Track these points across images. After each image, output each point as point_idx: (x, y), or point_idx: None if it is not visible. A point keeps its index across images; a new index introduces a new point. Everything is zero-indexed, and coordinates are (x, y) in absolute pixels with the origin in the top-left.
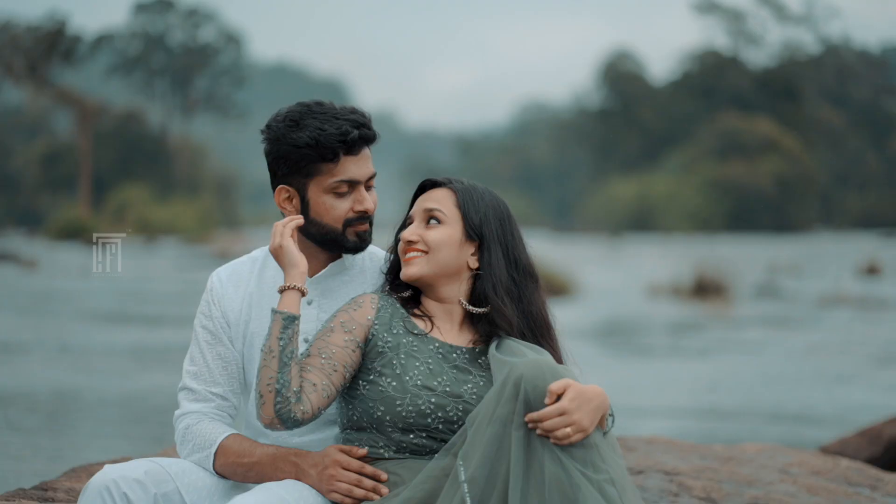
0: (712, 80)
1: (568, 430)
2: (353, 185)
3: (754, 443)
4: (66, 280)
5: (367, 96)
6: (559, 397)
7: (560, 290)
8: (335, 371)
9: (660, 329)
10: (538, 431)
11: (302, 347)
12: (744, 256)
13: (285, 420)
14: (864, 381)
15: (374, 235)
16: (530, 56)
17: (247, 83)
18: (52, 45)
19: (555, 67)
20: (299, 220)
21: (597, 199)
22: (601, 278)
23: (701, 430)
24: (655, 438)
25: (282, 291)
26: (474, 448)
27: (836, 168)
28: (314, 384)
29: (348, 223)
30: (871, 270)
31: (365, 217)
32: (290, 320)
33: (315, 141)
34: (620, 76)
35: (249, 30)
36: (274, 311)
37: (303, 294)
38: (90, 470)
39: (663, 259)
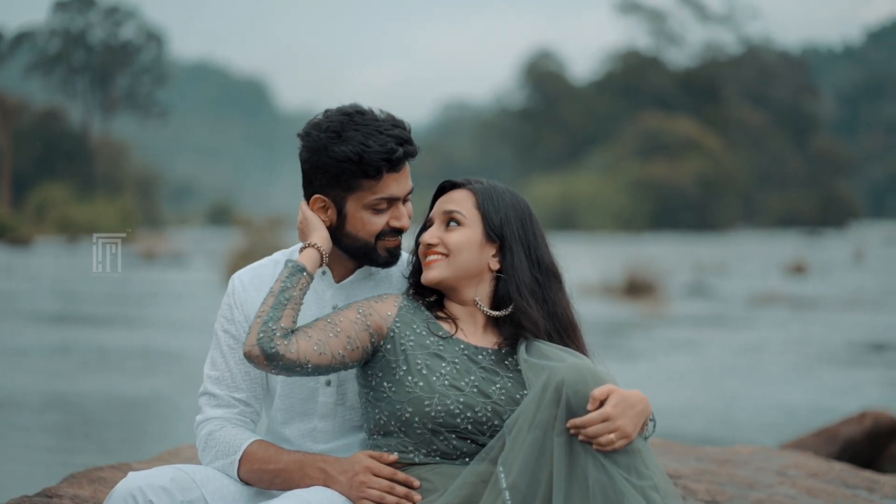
0: (634, 80)
1: (612, 436)
2: (392, 201)
3: (745, 444)
4: None
5: (290, 96)
6: (602, 403)
7: None
8: (335, 336)
9: (598, 329)
10: (581, 437)
11: None
12: (669, 256)
13: (265, 348)
14: (806, 380)
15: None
16: (452, 55)
17: (168, 82)
18: None
19: (477, 67)
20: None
21: None
22: None
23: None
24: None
25: (301, 250)
26: (515, 454)
27: (758, 167)
28: (309, 335)
29: (381, 236)
30: (798, 269)
31: (399, 232)
32: (299, 270)
33: (358, 157)
34: (543, 76)
35: (170, 28)
36: (287, 261)
37: (321, 256)
38: (90, 476)
39: (590, 259)
